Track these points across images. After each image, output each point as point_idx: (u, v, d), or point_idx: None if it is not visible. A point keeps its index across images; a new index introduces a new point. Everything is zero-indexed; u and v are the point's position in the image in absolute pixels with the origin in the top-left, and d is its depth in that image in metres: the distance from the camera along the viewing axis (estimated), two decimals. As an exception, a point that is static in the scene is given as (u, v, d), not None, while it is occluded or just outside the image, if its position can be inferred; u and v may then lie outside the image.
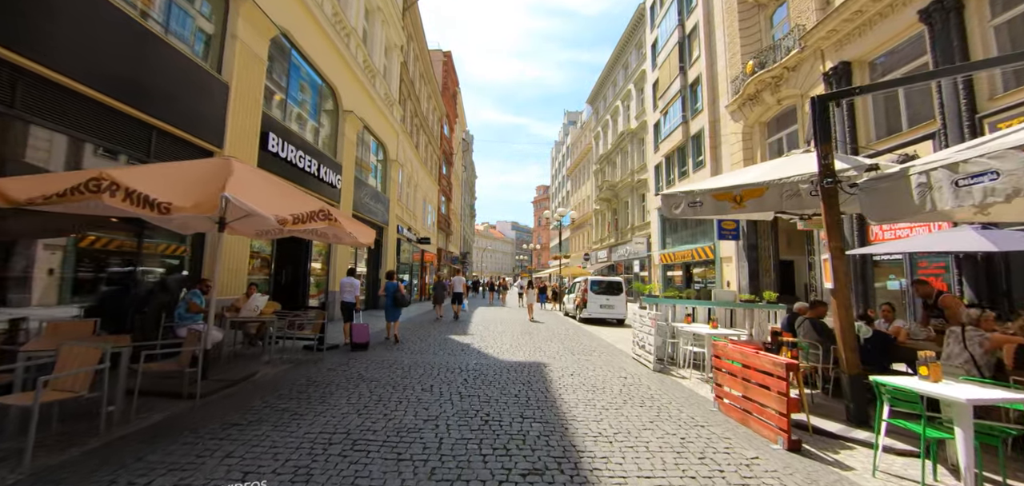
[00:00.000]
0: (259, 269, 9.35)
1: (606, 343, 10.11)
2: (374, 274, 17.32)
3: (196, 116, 7.09)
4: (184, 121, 6.83)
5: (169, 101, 6.56)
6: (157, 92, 6.35)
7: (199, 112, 7.16)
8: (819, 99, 4.59)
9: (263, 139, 8.82)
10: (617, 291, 15.02)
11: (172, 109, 6.61)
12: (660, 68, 25.84)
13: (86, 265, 5.94)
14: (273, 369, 6.34)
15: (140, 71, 6.06)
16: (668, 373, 6.97)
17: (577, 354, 8.43)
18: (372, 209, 16.10)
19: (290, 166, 9.81)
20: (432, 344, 9.23)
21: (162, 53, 6.47)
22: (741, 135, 17.65)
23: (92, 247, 5.95)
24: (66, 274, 5.62)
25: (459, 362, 7.30)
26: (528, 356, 8.08)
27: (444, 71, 36.60)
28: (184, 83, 6.86)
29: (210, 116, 7.41)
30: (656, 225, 26.74)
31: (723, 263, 19.46)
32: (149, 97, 6.21)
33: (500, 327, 12.78)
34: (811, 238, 14.31)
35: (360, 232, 6.17)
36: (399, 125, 19.41)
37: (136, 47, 6.01)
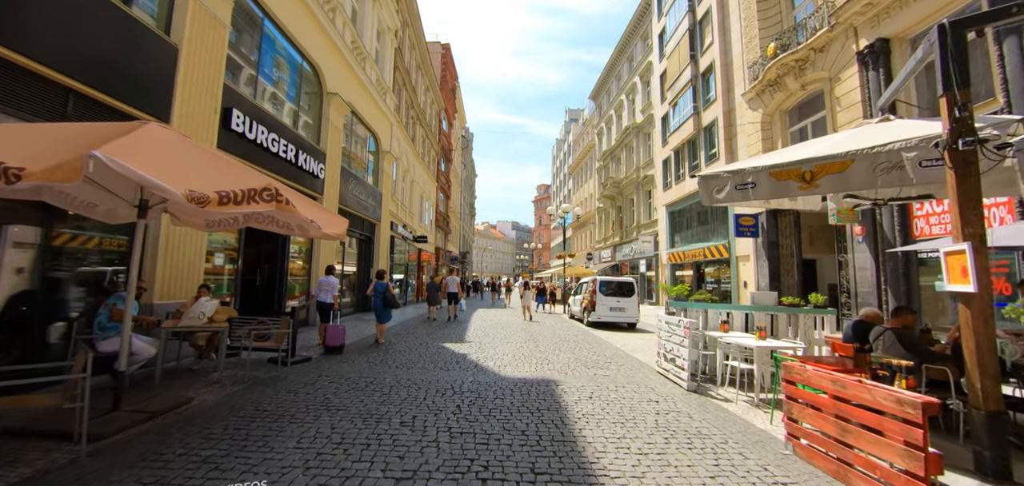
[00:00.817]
0: (222, 269, 8.09)
1: (622, 352, 8.85)
2: (366, 273, 16.06)
3: (132, 80, 5.83)
4: (114, 85, 5.58)
5: (93, 59, 5.31)
6: (77, 46, 5.10)
7: (136, 76, 5.90)
8: (953, 26, 3.31)
9: (225, 116, 7.57)
10: (629, 292, 13.76)
11: (98, 70, 5.36)
12: (668, 58, 24.59)
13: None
14: (217, 393, 5.08)
15: (49, 15, 4.81)
16: (705, 393, 5.72)
17: (592, 367, 7.17)
18: (362, 203, 14.85)
19: (260, 150, 8.56)
20: (422, 353, 7.98)
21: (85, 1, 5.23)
22: (759, 124, 16.39)
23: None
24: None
25: (452, 380, 6.04)
26: (535, 370, 6.82)
27: (442, 64, 35.37)
28: (117, 40, 5.61)
29: (152, 82, 6.15)
30: (664, 223, 25.49)
31: (739, 262, 18.20)
32: (64, 50, 4.96)
33: (501, 333, 11.52)
34: (842, 234, 13.05)
35: (326, 220, 4.92)
36: (393, 115, 18.16)
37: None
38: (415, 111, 24.72)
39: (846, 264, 12.99)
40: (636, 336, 11.73)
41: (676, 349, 6.28)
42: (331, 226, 5.00)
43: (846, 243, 12.74)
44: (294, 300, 10.79)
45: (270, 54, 9.54)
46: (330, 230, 4.87)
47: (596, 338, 10.95)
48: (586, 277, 17.19)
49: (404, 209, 21.97)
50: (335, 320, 8.67)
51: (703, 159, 20.87)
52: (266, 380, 5.72)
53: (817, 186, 4.44)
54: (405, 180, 22.51)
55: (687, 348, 5.93)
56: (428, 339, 10.07)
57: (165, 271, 6.26)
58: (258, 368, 6.35)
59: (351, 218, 14.26)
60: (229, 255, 8.19)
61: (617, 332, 12.66)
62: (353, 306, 15.29)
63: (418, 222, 25.76)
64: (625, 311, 13.47)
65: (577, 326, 13.91)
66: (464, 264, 51.07)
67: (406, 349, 8.50)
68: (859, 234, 11.93)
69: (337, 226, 5.12)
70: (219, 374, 5.52)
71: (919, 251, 10.25)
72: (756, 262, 16.55)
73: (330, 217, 5.22)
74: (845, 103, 12.65)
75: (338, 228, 5.09)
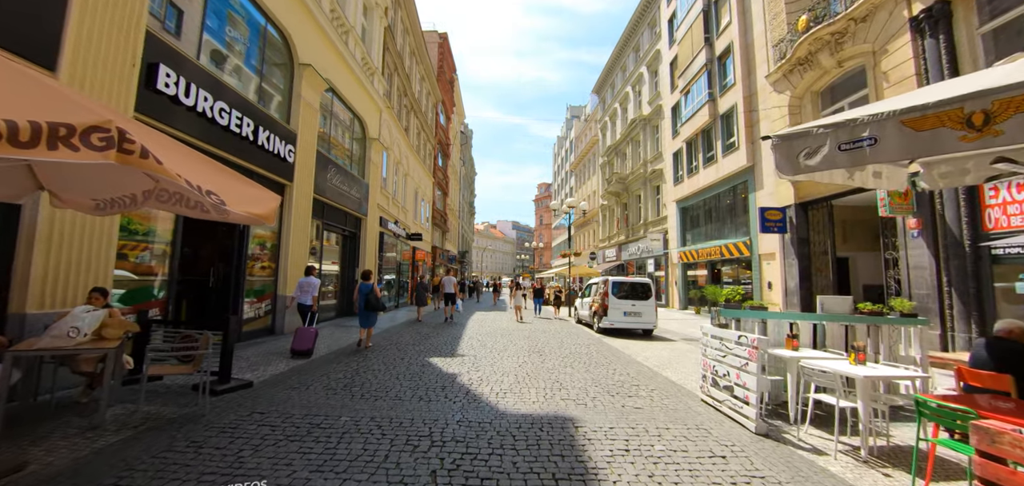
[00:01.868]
0: (153, 267, 6.46)
1: (647, 369, 7.24)
2: (350, 273, 14.45)
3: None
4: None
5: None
6: None
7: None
8: None
9: (148, 73, 5.97)
10: (645, 295, 12.15)
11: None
12: (679, 44, 22.98)
13: None
14: (81, 448, 3.47)
15: None
16: (782, 438, 4.12)
17: (616, 394, 5.55)
18: (345, 195, 13.24)
19: (202, 120, 6.96)
20: (401, 372, 6.37)
21: None
22: (787, 108, 14.79)
23: None
24: None
25: (433, 418, 4.43)
26: (544, 401, 5.21)
27: (440, 54, 33.79)
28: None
29: (25, 16, 4.55)
30: (674, 219, 23.89)
31: (763, 261, 16.60)
32: None
33: (500, 342, 9.90)
34: (891, 228, 11.44)
35: (241, 196, 3.32)
36: (382, 100, 16.56)
37: None
38: (409, 100, 23.12)
39: (895, 262, 11.38)
40: (657, 346, 10.11)
41: (734, 374, 4.66)
42: (250, 204, 3.39)
43: (896, 238, 11.13)
44: (261, 303, 9.19)
45: (221, 7, 7.92)
46: (246, 210, 3.27)
47: (612, 349, 9.34)
48: (594, 278, 15.57)
49: (396, 204, 20.36)
50: (313, 322, 8.06)
51: (720, 149, 19.26)
52: (174, 421, 4.12)
53: (997, 133, 2.83)
54: (398, 173, 20.91)
55: (754, 374, 4.32)
56: (413, 349, 8.47)
57: (45, 270, 4.65)
58: (175, 400, 4.75)
59: (331, 211, 12.66)
60: (163, 251, 6.57)
61: (633, 340, 11.05)
62: (334, 310, 13.70)
63: (413, 219, 24.16)
64: (641, 316, 11.86)
65: (586, 333, 12.29)
66: (463, 264, 49.46)
67: (383, 365, 6.89)
68: (914, 227, 10.32)
69: (260, 205, 3.51)
70: (102, 415, 3.92)
71: (994, 247, 8.68)
72: (783, 260, 14.94)
73: (252, 192, 3.63)
74: (894, 79, 11.04)
75: (260, 208, 3.48)
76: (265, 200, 3.61)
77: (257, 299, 9.02)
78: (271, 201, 3.66)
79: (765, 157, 16.56)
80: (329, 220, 12.72)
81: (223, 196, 3.11)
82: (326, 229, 12.85)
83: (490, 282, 50.94)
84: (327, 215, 12.49)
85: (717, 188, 19.72)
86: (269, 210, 3.56)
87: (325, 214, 12.34)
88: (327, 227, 12.84)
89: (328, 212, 12.52)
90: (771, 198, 15.65)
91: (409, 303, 22.91)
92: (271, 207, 3.61)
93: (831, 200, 13.43)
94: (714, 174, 19.58)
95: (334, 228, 13.43)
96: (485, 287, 43.78)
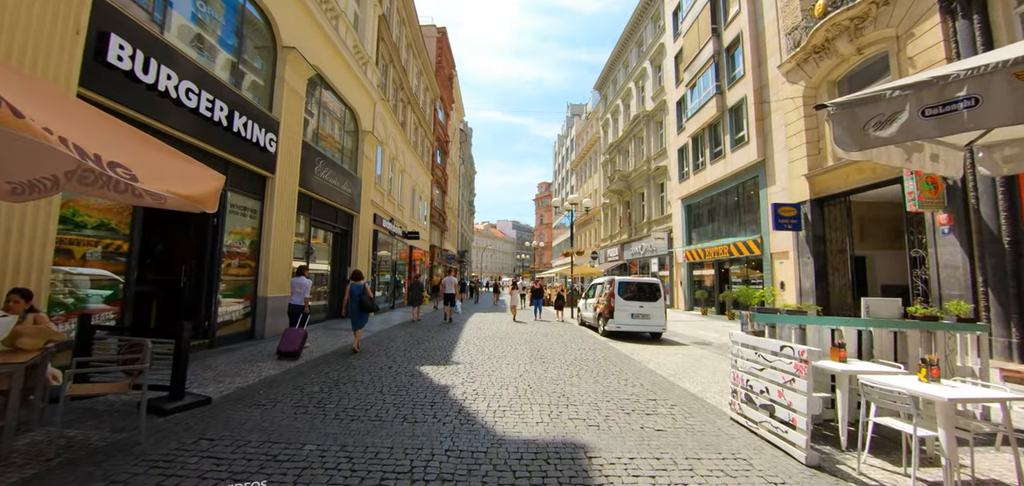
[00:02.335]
0: (105, 265, 5.71)
1: (663, 380, 6.50)
2: (341, 273, 13.72)
3: None
4: None
5: None
6: None
7: None
8: None
9: (98, 43, 5.24)
10: (653, 295, 11.41)
11: None
12: (685, 36, 22.23)
13: None
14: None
15: None
16: (839, 472, 3.39)
17: (632, 411, 4.81)
18: (335, 190, 12.50)
19: (166, 101, 6.22)
20: (387, 383, 5.64)
21: None
22: (801, 99, 14.06)
23: None
24: None
25: (416, 446, 3.71)
26: (549, 421, 4.47)
27: (438, 49, 33.06)
28: None
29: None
30: (679, 217, 23.15)
31: (775, 260, 15.85)
32: None
33: (499, 347, 9.17)
34: (917, 225, 10.70)
35: (165, 173, 2.59)
36: (376, 91, 15.82)
37: None
38: (405, 94, 22.38)
39: (922, 261, 10.64)
40: (668, 351, 9.37)
41: (776, 391, 3.93)
42: (177, 183, 2.66)
43: (924, 235, 10.39)
44: (239, 305, 8.45)
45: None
46: (166, 188, 2.54)
47: (620, 355, 8.60)
48: (599, 278, 14.83)
49: (392, 201, 19.63)
50: (304, 324, 7.83)
51: (728, 144, 18.52)
52: (99, 451, 3.38)
53: None
54: (394, 169, 20.18)
55: (803, 393, 3.59)
56: (404, 355, 7.73)
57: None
58: (112, 422, 4.02)
59: (320, 207, 11.93)
60: (116, 247, 5.83)
61: (641, 344, 10.32)
62: (324, 312, 12.96)
63: (410, 217, 23.43)
64: (650, 318, 11.11)
65: (591, 336, 11.55)
66: (462, 263, 48.73)
67: (367, 375, 6.15)
68: (945, 223, 9.58)
69: (191, 184, 2.78)
70: (7, 444, 3.18)
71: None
72: (798, 259, 14.20)
73: (186, 169, 2.89)
74: (921, 64, 10.28)
75: (191, 187, 2.75)
76: (200, 179, 2.87)
77: (234, 301, 8.28)
78: (209, 181, 2.93)
79: (777, 151, 15.83)
80: (318, 216, 11.99)
81: (138, 170, 2.38)
82: (315, 226, 12.13)
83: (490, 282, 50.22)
84: (316, 211, 11.76)
85: (725, 184, 18.98)
86: (204, 192, 2.82)
87: (313, 210, 11.61)
88: (316, 224, 12.11)
89: (317, 208, 11.78)
90: (784, 194, 14.91)
91: (406, 304, 22.19)
92: (208, 188, 2.87)
93: (849, 195, 12.69)
94: (722, 170, 18.84)
95: (324, 225, 12.70)
96: (484, 287, 43.05)
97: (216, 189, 2.97)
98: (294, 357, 7.03)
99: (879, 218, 14.04)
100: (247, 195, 8.58)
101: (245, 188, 8.49)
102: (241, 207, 8.44)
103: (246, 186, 8.53)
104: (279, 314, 9.17)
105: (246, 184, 8.53)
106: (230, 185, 7.98)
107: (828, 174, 13.07)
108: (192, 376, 5.65)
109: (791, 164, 14.55)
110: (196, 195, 2.74)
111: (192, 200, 2.72)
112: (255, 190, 8.82)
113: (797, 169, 14.18)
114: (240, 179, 8.31)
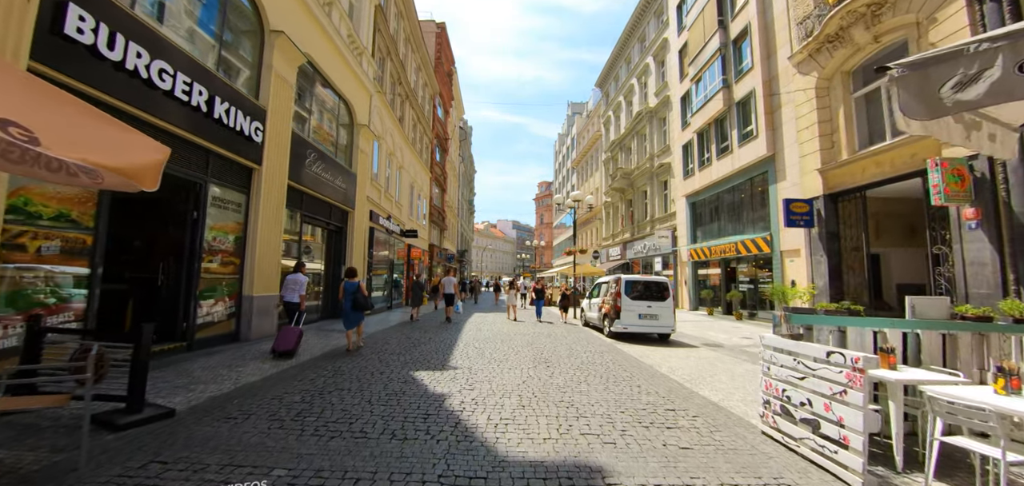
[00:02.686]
0: (61, 260, 5.15)
1: (680, 386, 5.96)
2: (335, 272, 13.18)
3: None
4: None
5: None
6: None
7: None
8: None
9: (53, 13, 4.70)
10: (662, 295, 10.88)
11: None
12: (689, 29, 21.69)
13: None
14: None
15: None
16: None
17: (651, 424, 4.28)
18: (327, 184, 11.96)
19: (133, 79, 5.68)
20: (377, 391, 5.10)
21: None
22: (814, 91, 13.52)
23: None
24: None
25: (405, 469, 3.19)
26: (558, 437, 3.93)
27: (437, 45, 32.51)
28: None
29: None
30: (684, 215, 22.61)
31: (785, 258, 15.32)
32: None
33: (501, 349, 8.63)
34: (940, 220, 10.15)
35: (79, 138, 2.05)
36: (372, 84, 15.28)
37: None
38: (403, 88, 21.84)
39: (945, 258, 10.10)
40: (679, 354, 8.84)
41: (821, 404, 3.39)
42: (101, 153, 2.12)
43: (948, 231, 9.85)
44: (220, 305, 7.91)
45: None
46: (82, 156, 1.99)
47: (629, 359, 8.06)
48: (603, 277, 14.30)
49: (389, 198, 19.09)
50: (300, 322, 7.64)
51: (735, 139, 17.97)
52: (28, 479, 2.85)
53: None
54: (391, 165, 19.64)
55: (859, 408, 3.05)
56: (398, 359, 7.19)
57: None
58: (53, 440, 3.48)
59: (313, 202, 11.41)
60: (79, 242, 5.28)
61: (650, 346, 9.78)
62: (318, 312, 12.43)
63: (408, 214, 22.89)
64: (658, 318, 10.58)
65: (597, 338, 11.01)
66: (462, 263, 48.18)
67: (356, 381, 5.61)
68: (971, 218, 9.05)
69: (125, 155, 2.24)
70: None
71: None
72: (810, 257, 13.65)
73: (116, 135, 2.35)
74: (944, 50, 9.72)
75: (126, 159, 2.21)
76: (136, 149, 2.33)
77: (216, 300, 7.74)
78: (148, 153, 2.39)
79: (788, 145, 15.30)
80: (310, 212, 11.45)
81: (46, 134, 1.84)
82: (307, 222, 11.59)
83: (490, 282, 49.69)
84: (308, 206, 11.22)
85: (732, 181, 18.45)
86: (139, 165, 2.28)
87: (305, 205, 11.08)
88: (308, 220, 11.57)
89: (309, 203, 11.25)
90: (795, 189, 14.38)
91: (404, 304, 21.66)
92: (146, 161, 2.33)
93: (865, 190, 12.15)
94: (729, 166, 18.30)
95: (317, 221, 12.16)
96: (484, 287, 42.52)
97: (157, 163, 2.44)
98: (290, 356, 6.88)
99: (893, 214, 13.50)
100: (231, 187, 8.03)
101: (228, 180, 7.95)
102: (224, 200, 7.90)
103: (229, 178, 7.99)
104: (266, 315, 8.64)
105: (230, 176, 7.99)
106: (211, 176, 7.44)
107: (842, 168, 12.53)
108: (162, 383, 5.12)
109: (802, 158, 14.01)
110: (127, 168, 2.20)
111: (123, 174, 2.19)
112: (240, 182, 8.28)
113: (809, 163, 13.64)
114: (223, 170, 7.77)
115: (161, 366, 5.90)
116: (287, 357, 6.83)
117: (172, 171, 6.63)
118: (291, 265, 9.82)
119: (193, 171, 7.08)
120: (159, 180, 2.47)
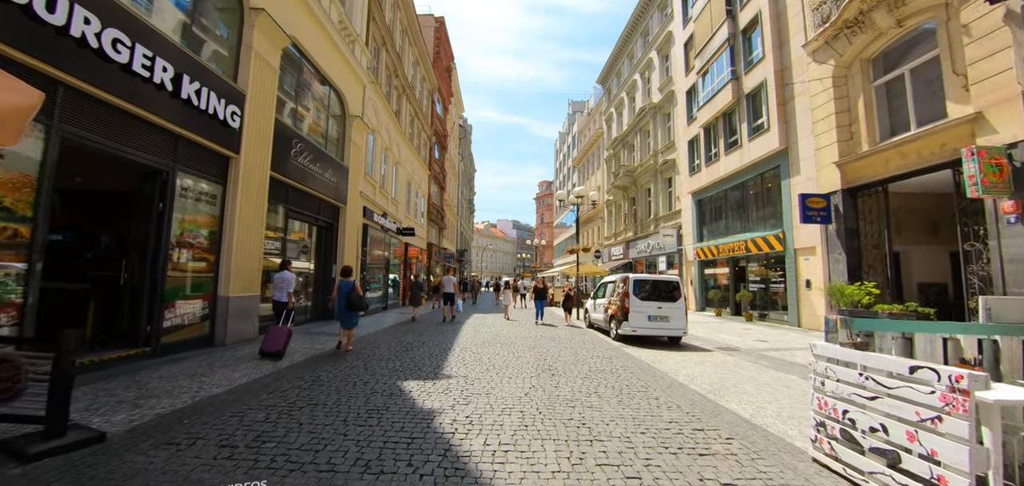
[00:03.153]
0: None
1: (702, 397, 5.26)
2: (325, 270, 12.48)
3: None
4: None
5: None
6: None
7: None
8: None
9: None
10: (672, 296, 10.17)
11: None
12: (696, 20, 20.99)
13: None
14: None
15: None
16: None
17: (679, 449, 3.57)
18: (316, 178, 11.26)
19: (82, 50, 4.97)
20: (356, 407, 4.40)
21: None
22: (831, 80, 12.80)
23: None
24: None
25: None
26: (570, 473, 3.21)
27: (436, 40, 31.82)
28: None
29: None
30: (689, 213, 21.91)
31: (799, 256, 14.62)
32: None
33: (501, 356, 7.92)
34: (975, 214, 9.44)
35: None
36: (366, 74, 14.58)
37: None
38: (400, 81, 21.14)
39: (979, 256, 9.39)
40: (694, 359, 8.12)
41: (905, 434, 2.68)
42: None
43: (983, 226, 9.14)
44: (191, 306, 7.20)
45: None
46: None
47: (642, 365, 7.35)
48: (609, 277, 13.60)
49: (384, 194, 18.39)
50: (288, 321, 7.43)
51: (746, 132, 17.25)
52: None
53: None
54: (387, 160, 18.94)
55: (963, 441, 2.35)
56: (386, 365, 6.48)
57: None
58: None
59: (299, 196, 10.71)
60: (11, 233, 4.58)
61: (661, 350, 9.08)
62: (308, 312, 11.74)
63: (405, 212, 22.19)
64: (669, 320, 9.87)
65: (604, 341, 10.30)
66: (462, 262, 47.49)
67: (333, 392, 4.91)
68: (1011, 211, 8.33)
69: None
70: None
71: None
72: (827, 255, 12.94)
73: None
74: (978, 32, 9.03)
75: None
76: None
77: (188, 301, 7.03)
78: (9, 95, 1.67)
79: (802, 137, 14.60)
80: (297, 206, 10.75)
81: None
82: (294, 217, 10.88)
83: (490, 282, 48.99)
84: (294, 200, 10.51)
85: (742, 176, 17.74)
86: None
87: (291, 199, 10.37)
88: (295, 214, 10.87)
89: (295, 197, 10.54)
90: (810, 184, 13.68)
91: (401, 304, 20.96)
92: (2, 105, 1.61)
93: (887, 183, 11.44)
94: (738, 161, 17.59)
95: (304, 217, 11.46)
96: (484, 287, 41.83)
97: (18, 108, 1.75)
98: (278, 357, 6.66)
99: (914, 210, 12.82)
100: (203, 177, 7.32)
101: (200, 168, 7.24)
102: (196, 191, 7.19)
103: (202, 166, 7.28)
104: (244, 317, 7.94)
105: (202, 164, 7.28)
106: (180, 163, 6.72)
107: (862, 161, 11.82)
108: (106, 398, 4.41)
109: (818, 152, 13.29)
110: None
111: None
112: (215, 172, 7.57)
113: (825, 157, 12.93)
114: (194, 157, 7.06)
115: (113, 376, 5.19)
116: (276, 358, 6.62)
117: (131, 156, 5.94)
118: (276, 263, 9.15)
119: (157, 157, 6.37)
120: (20, 134, 1.78)
